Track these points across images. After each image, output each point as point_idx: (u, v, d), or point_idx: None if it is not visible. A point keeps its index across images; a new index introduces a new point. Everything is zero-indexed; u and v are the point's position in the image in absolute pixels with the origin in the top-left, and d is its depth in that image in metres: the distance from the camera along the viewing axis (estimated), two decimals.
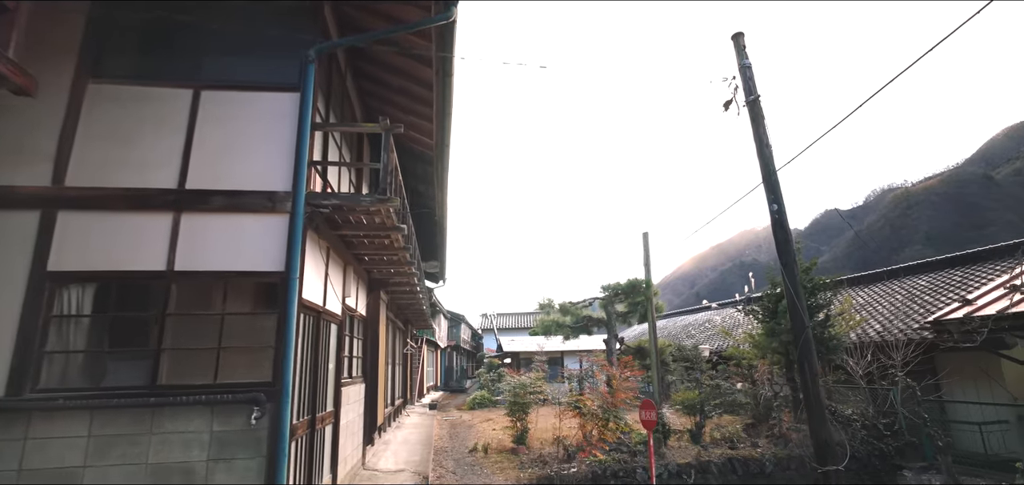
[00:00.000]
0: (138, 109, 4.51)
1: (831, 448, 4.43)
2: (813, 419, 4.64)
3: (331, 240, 5.40)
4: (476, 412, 15.46)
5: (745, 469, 7.87)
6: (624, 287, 10.42)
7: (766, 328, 8.96)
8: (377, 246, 6.25)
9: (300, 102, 4.58)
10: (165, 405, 3.79)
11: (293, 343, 3.99)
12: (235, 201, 4.31)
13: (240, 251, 4.24)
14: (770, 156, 5.13)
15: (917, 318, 9.66)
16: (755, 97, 5.26)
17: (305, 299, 4.50)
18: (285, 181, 4.41)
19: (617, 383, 7.63)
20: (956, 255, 12.34)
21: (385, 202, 4.45)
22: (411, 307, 12.58)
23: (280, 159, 4.48)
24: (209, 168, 4.42)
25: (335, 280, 5.75)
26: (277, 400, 3.86)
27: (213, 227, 4.27)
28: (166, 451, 3.73)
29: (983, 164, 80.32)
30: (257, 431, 3.83)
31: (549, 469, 7.63)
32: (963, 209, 65.29)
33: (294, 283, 4.09)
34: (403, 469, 7.54)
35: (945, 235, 55.28)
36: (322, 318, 5.19)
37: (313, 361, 4.94)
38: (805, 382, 4.60)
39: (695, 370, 10.55)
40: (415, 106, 7.19)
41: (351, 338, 6.91)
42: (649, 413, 5.86)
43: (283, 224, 4.30)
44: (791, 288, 4.87)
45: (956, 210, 66.32)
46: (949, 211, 67.20)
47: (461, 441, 10.41)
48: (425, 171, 9.59)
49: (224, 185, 4.36)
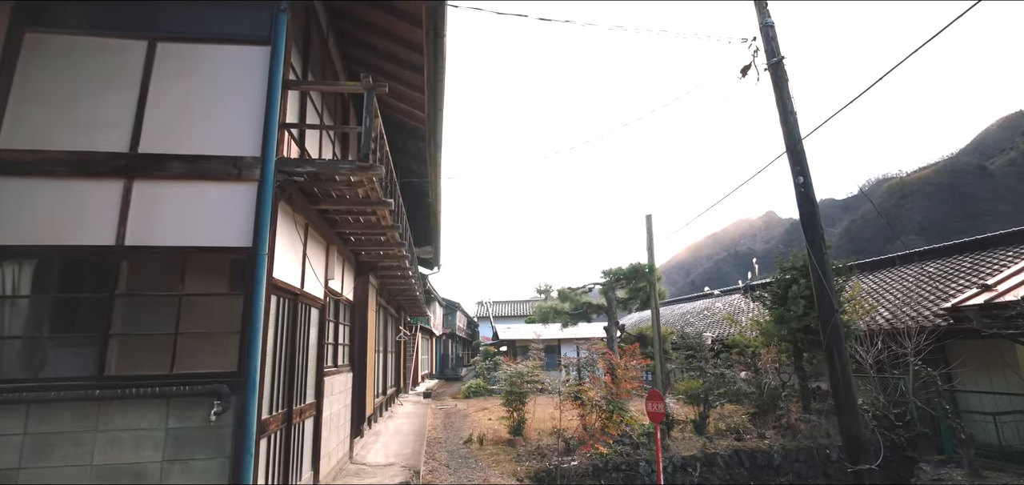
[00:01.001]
0: (84, 63, 3.95)
1: (863, 445, 4.04)
2: (843, 412, 4.23)
3: (310, 216, 4.89)
4: (471, 401, 15.13)
5: (752, 462, 7.54)
6: (626, 271, 10.00)
7: (775, 315, 8.58)
8: (363, 225, 5.74)
9: (270, 56, 4.03)
10: (114, 399, 3.30)
11: (261, 328, 3.51)
12: (195, 167, 3.78)
13: (201, 224, 3.72)
14: (795, 123, 4.66)
15: (928, 305, 9.33)
16: (778, 59, 4.77)
17: (277, 279, 4.00)
18: (253, 145, 3.88)
19: (622, 372, 7.20)
20: (965, 241, 12.03)
21: (368, 170, 3.93)
22: (404, 293, 12.10)
23: (248, 121, 3.94)
24: (166, 130, 3.88)
25: (316, 261, 5.25)
26: (242, 392, 3.38)
27: (170, 196, 3.75)
28: (114, 451, 3.26)
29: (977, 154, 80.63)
30: (219, 428, 3.36)
31: (548, 462, 7.26)
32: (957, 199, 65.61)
33: (262, 260, 3.59)
34: (393, 462, 7.12)
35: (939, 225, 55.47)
36: (300, 302, 4.69)
37: (290, 349, 4.46)
38: (834, 372, 4.19)
39: (698, 358, 10.19)
40: (404, 73, 6.63)
41: (336, 324, 6.43)
42: (657, 404, 5.46)
43: (250, 193, 3.78)
44: (819, 269, 4.43)
45: (950, 200, 66.66)
46: (943, 201, 67.51)
47: (455, 431, 10.03)
48: (417, 148, 9.04)
49: (183, 149, 3.82)
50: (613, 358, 7.48)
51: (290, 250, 4.39)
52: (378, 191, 4.44)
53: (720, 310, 16.93)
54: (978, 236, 11.89)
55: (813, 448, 7.68)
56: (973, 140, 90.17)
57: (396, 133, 8.81)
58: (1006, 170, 66.87)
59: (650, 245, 8.70)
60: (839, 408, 4.26)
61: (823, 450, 7.69)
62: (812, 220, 4.59)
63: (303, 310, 4.87)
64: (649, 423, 7.85)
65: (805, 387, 8.58)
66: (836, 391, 4.23)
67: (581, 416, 7.63)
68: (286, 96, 4.12)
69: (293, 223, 4.38)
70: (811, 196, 4.62)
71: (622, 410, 7.17)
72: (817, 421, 8.05)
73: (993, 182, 66.30)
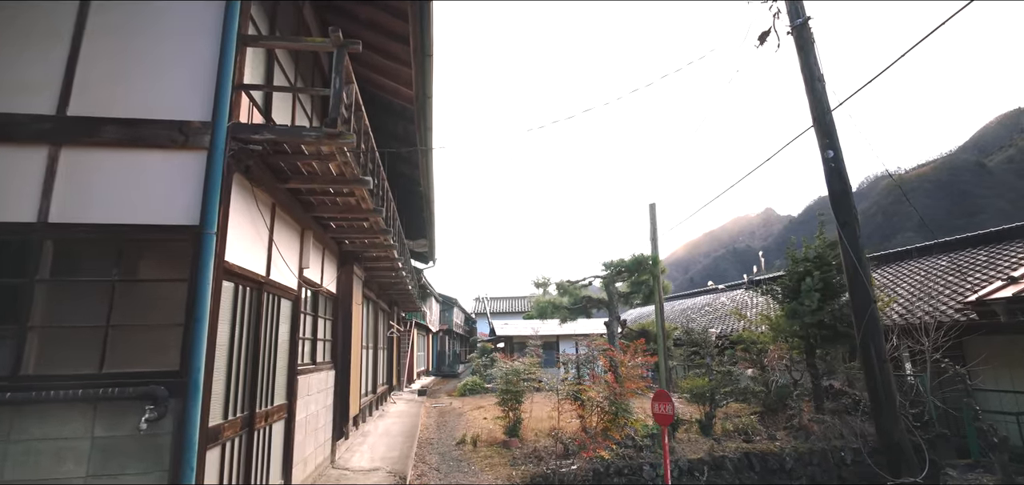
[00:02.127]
0: (10, 22, 3.40)
1: (906, 453, 3.54)
2: (883, 416, 3.73)
3: (278, 196, 4.35)
4: (467, 399, 14.66)
5: (763, 465, 7.06)
6: (628, 264, 9.49)
7: (787, 308, 8.09)
8: (343, 208, 5.22)
9: (225, 8, 3.49)
10: (29, 402, 2.78)
11: (208, 320, 2.98)
12: (135, 133, 3.24)
13: (140, 198, 3.19)
14: (823, 91, 4.14)
15: (945, 299, 8.88)
16: (803, 19, 4.24)
17: (232, 264, 3.47)
18: (203, 109, 3.34)
19: (626, 370, 6.67)
20: (978, 234, 11.61)
21: (337, 137, 3.40)
22: (395, 286, 11.57)
23: (198, 81, 3.40)
24: (101, 90, 3.33)
25: (286, 247, 4.72)
26: (184, 394, 2.86)
27: (104, 167, 3.21)
28: (29, 465, 2.73)
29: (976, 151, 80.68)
30: (156, 437, 2.84)
31: (545, 466, 6.76)
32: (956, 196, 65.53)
33: (210, 239, 3.06)
34: (378, 467, 6.62)
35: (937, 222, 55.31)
36: (266, 291, 4.17)
37: (252, 344, 3.94)
38: (871, 369, 3.70)
39: (704, 355, 9.71)
40: (390, 44, 6.08)
41: (315, 318, 5.91)
42: (664, 406, 4.96)
43: (199, 164, 3.24)
44: (852, 253, 3.92)
45: (948, 197, 66.62)
46: (941, 198, 67.52)
47: (449, 431, 9.54)
48: (406, 131, 8.50)
49: (120, 112, 3.28)
50: (616, 354, 6.95)
51: (251, 232, 3.86)
52: (352, 166, 3.91)
53: (723, 305, 16.47)
54: (991, 229, 11.47)
55: (827, 450, 7.21)
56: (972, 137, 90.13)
57: (383, 116, 8.27)
58: (1005, 167, 66.86)
59: (654, 235, 8.20)
60: (877, 411, 3.76)
61: (838, 452, 7.22)
62: (844, 198, 4.07)
63: (271, 301, 4.35)
64: (653, 424, 7.38)
65: (818, 385, 8.10)
66: (873, 391, 3.74)
67: (581, 418, 7.12)
68: (244, 54, 3.59)
69: (254, 201, 3.85)
70: (842, 171, 4.10)
71: (627, 412, 6.64)
72: (831, 422, 7.58)
73: (992, 179, 66.29)
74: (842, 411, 7.96)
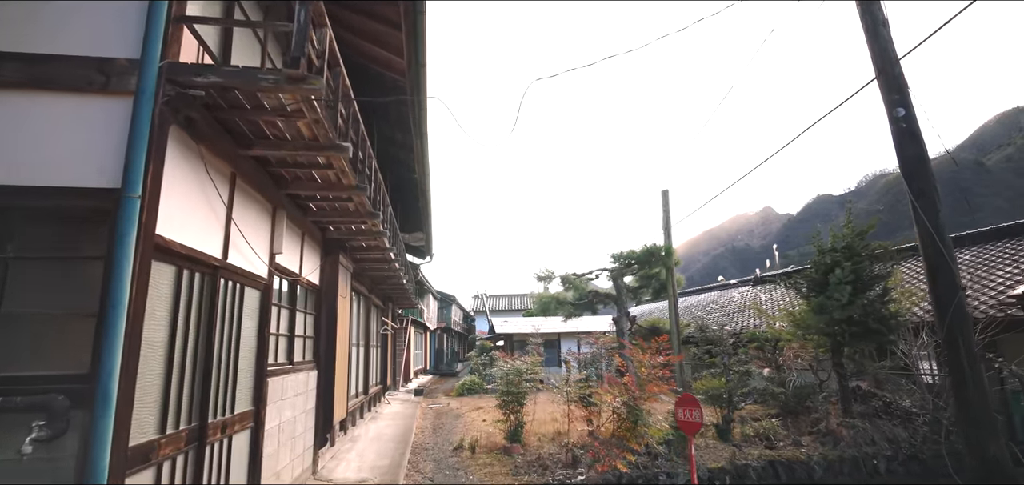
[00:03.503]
0: None
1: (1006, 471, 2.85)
2: (973, 425, 3.03)
3: (241, 165, 3.67)
4: (465, 399, 14.00)
5: (789, 473, 6.43)
6: (639, 255, 8.83)
7: (814, 303, 7.44)
8: (322, 184, 4.53)
9: None
10: None
11: (126, 307, 2.30)
12: (40, 72, 2.56)
13: (46, 154, 2.50)
14: (888, 38, 3.50)
15: (973, 294, 8.29)
16: None
17: (172, 240, 2.79)
18: (133, 45, 2.65)
19: (646, 372, 5.97)
20: (1001, 227, 11.06)
21: (300, 82, 2.71)
22: (389, 280, 10.87)
23: (126, 11, 2.71)
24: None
25: (252, 227, 4.03)
26: (92, 403, 2.18)
27: (1, 114, 2.52)
28: None
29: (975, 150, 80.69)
30: (52, 461, 2.16)
31: (550, 476, 6.12)
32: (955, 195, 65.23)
33: (132, 205, 2.38)
34: (366, 478, 5.95)
35: None
36: (222, 277, 3.48)
37: (205, 341, 3.26)
38: (960, 367, 3.02)
39: (719, 354, 9.07)
40: (380, 7, 5.40)
41: (292, 311, 5.22)
42: (690, 412, 4.31)
43: (125, 112, 2.56)
44: (932, 230, 3.26)
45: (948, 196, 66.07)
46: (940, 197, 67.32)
47: (445, 435, 8.88)
48: (399, 112, 7.79)
49: (23, 46, 2.59)
50: (634, 353, 6.24)
51: (200, 204, 3.17)
52: (325, 125, 3.22)
53: (732, 301, 15.86)
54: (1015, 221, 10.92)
55: (859, 458, 6.59)
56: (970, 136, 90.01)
57: (372, 89, 7.56)
58: (1003, 166, 66.70)
59: (667, 224, 7.55)
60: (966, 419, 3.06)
61: (870, 460, 6.60)
62: (920, 166, 3.40)
63: (232, 290, 3.66)
64: (668, 430, 6.74)
65: (845, 387, 7.47)
66: (962, 395, 3.07)
67: (589, 421, 6.44)
68: None
69: (202, 165, 3.15)
70: (916, 132, 3.43)
71: (646, 421, 5.94)
72: (861, 426, 6.95)
73: (990, 178, 66.14)
74: (872, 415, 7.33)
